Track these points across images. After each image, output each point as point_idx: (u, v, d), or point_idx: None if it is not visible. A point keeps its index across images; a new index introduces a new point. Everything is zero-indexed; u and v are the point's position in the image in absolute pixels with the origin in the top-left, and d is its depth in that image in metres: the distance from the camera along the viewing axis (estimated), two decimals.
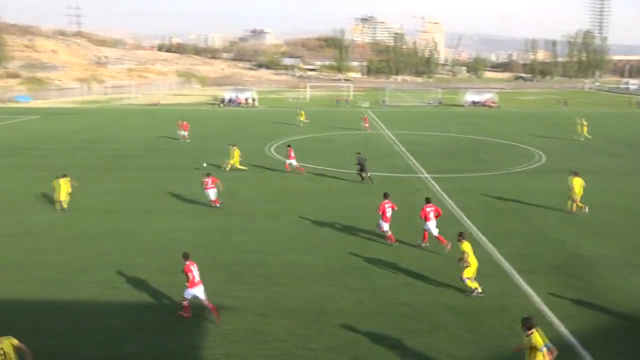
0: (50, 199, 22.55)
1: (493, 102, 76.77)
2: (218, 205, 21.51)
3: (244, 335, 11.80)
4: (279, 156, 33.60)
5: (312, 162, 31.27)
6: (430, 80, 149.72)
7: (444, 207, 21.75)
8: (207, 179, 21.47)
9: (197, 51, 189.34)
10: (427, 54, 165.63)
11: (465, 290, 13.73)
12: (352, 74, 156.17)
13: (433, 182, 26.36)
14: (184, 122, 40.44)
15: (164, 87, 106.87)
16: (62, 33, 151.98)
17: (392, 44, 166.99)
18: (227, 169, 28.59)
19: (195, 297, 12.45)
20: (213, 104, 77.71)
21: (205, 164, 28.93)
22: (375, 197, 23.22)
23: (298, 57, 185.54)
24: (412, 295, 13.80)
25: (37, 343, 11.38)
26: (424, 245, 17.16)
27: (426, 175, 28.10)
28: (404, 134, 44.52)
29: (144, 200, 22.99)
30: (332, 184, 26.17)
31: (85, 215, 20.53)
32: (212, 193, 21.48)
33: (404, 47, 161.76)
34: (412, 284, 14.45)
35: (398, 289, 14.13)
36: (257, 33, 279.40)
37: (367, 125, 47.68)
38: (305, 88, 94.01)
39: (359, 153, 27.18)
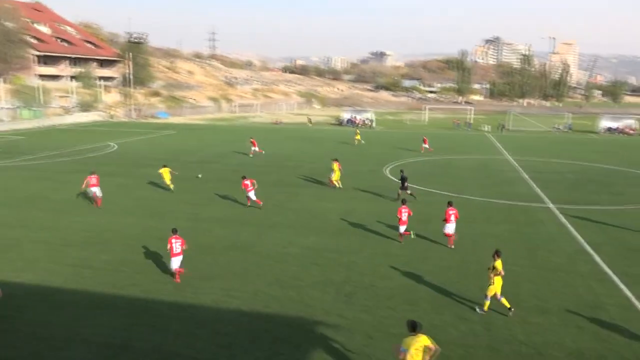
0: (186, 208, 24.53)
1: (632, 129, 69.96)
2: (261, 205, 24.62)
3: (353, 356, 11.79)
4: (394, 178, 33.44)
5: (427, 185, 30.68)
6: (560, 104, 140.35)
7: (573, 242, 20.16)
8: (246, 182, 24.69)
9: (319, 73, 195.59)
10: (556, 77, 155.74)
11: (478, 305, 14.08)
12: (473, 97, 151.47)
13: (560, 213, 24.53)
14: (252, 139, 43.62)
15: (286, 107, 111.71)
16: (199, 56, 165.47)
17: (518, 66, 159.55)
18: (338, 185, 29.23)
19: (172, 265, 15.63)
20: (333, 123, 79.63)
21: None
22: (495, 226, 22.21)
23: (418, 79, 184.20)
24: (530, 334, 12.88)
25: (159, 341, 12.35)
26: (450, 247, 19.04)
27: (552, 205, 26.23)
28: (529, 160, 42.08)
29: (263, 213, 24.02)
30: (445, 208, 25.36)
31: (211, 225, 21.95)
32: (252, 194, 24.76)
33: (531, 68, 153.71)
34: (530, 322, 13.50)
35: (515, 326, 13.28)
36: (378, 55, 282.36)
37: (426, 146, 47.01)
38: (423, 110, 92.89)
39: (402, 171, 27.92)
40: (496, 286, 13.84)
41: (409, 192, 26.68)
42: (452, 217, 19.13)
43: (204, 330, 12.87)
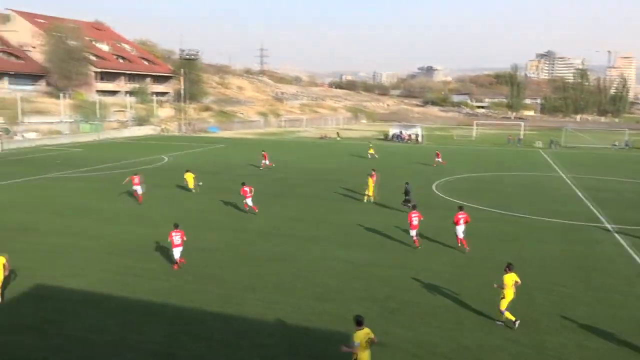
0: (231, 220, 24.91)
1: None
2: (256, 211, 26.16)
3: None
4: (441, 194, 32.83)
5: (474, 202, 29.90)
6: (617, 120, 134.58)
7: (631, 264, 19.11)
8: (245, 188, 26.40)
9: (367, 88, 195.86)
10: (614, 91, 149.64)
11: (498, 320, 13.95)
12: (525, 112, 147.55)
13: (617, 234, 23.31)
14: (264, 153, 44.44)
15: (333, 122, 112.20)
16: (249, 71, 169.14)
17: (572, 80, 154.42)
18: (372, 200, 29.13)
19: (174, 255, 17.89)
20: (380, 138, 79.30)
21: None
22: (546, 245, 21.35)
23: (467, 93, 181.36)
24: (585, 359, 12.19)
25: (202, 351, 12.44)
26: (462, 247, 20.20)
27: (611, 225, 24.94)
28: (584, 178, 40.37)
29: (305, 227, 24.05)
30: (493, 225, 24.67)
31: (254, 237, 22.13)
32: (250, 201, 26.34)
33: (586, 83, 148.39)
34: (585, 346, 12.79)
35: (569, 350, 12.60)
36: (426, 70, 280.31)
37: (439, 160, 47.33)
38: (472, 125, 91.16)
39: (407, 183, 28.78)
40: (507, 300, 13.93)
41: (410, 204, 25.84)
42: (462, 221, 20.17)
43: (245, 342, 12.88)
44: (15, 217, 25.36)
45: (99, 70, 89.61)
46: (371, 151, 54.15)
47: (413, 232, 20.78)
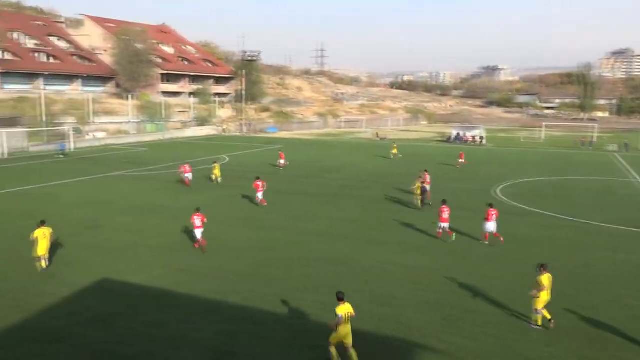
0: (288, 221, 25.32)
1: None
2: (265, 204, 28.48)
3: None
4: (504, 198, 31.88)
5: (541, 207, 28.83)
6: None
7: None
8: (258, 182, 28.71)
9: (427, 88, 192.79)
10: None
11: (533, 323, 13.85)
12: (598, 114, 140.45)
13: None
14: (280, 152, 45.25)
15: (392, 123, 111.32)
16: (308, 72, 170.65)
17: None
18: (417, 202, 28.72)
19: (196, 235, 20.40)
20: (439, 140, 77.97)
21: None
22: (611, 253, 20.31)
23: (534, 94, 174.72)
24: None
25: (259, 350, 12.71)
26: (486, 243, 21.35)
27: None
28: None
29: (360, 229, 24.04)
30: (558, 232, 23.68)
31: (310, 238, 22.36)
32: (260, 195, 28.67)
33: None
34: None
35: None
36: (490, 69, 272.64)
37: (462, 161, 47.56)
38: (540, 127, 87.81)
39: (422, 182, 29.45)
40: (542, 300, 13.75)
41: (425, 202, 28.57)
42: (493, 217, 21.24)
43: (299, 341, 13.06)
44: (83, 213, 26.85)
45: (163, 72, 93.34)
46: (394, 151, 54.02)
47: (443, 225, 22.06)
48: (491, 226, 21.28)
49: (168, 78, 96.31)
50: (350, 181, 38.16)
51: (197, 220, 20.62)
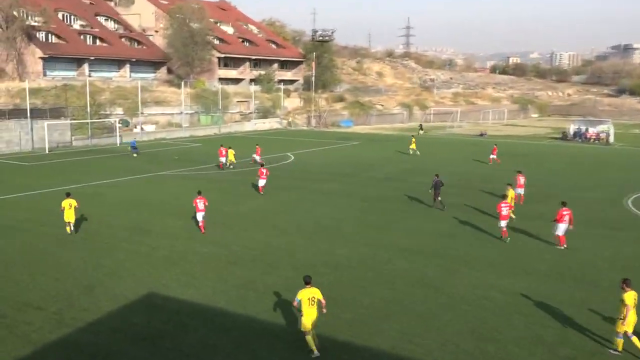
0: (367, 230, 25.17)
1: None
2: (261, 193, 33.22)
3: None
4: (638, 211, 30.08)
5: None
6: None
7: None
8: (263, 170, 33.48)
9: (539, 73, 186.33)
10: None
11: (614, 349, 13.86)
12: None
13: None
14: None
15: (493, 115, 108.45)
16: (390, 54, 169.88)
17: None
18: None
19: (198, 219, 24.76)
20: (554, 137, 75.06)
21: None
22: None
23: None
24: None
25: None
26: (563, 247, 22.69)
27: None
28: None
29: (455, 245, 23.49)
30: None
31: (393, 254, 22.06)
32: (262, 182, 33.33)
33: None
34: None
35: None
36: (622, 49, 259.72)
37: (494, 156, 48.37)
38: None
39: (436, 175, 30.88)
40: (629, 322, 13.73)
41: (439, 198, 30.16)
42: (566, 218, 22.40)
43: None
44: (130, 216, 28.01)
45: (222, 55, 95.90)
46: (413, 146, 54.16)
47: (502, 223, 23.96)
48: (562, 228, 22.61)
49: (226, 62, 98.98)
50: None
51: (199, 204, 24.85)
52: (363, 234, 25.16)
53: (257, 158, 45.71)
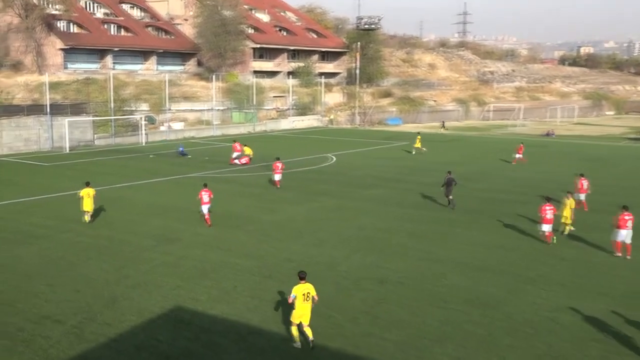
0: (417, 243, 25.03)
1: None
2: (278, 187, 36.84)
3: None
4: None
5: None
6: None
7: None
8: (278, 164, 37.04)
9: (615, 64, 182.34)
10: None
11: None
12: None
13: None
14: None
15: (561, 113, 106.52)
16: (444, 44, 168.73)
17: None
18: (566, 230, 27.07)
19: (203, 212, 27.67)
20: (632, 138, 73.35)
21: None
22: None
23: None
24: None
25: None
26: (619, 255, 23.19)
27: None
28: None
29: (517, 260, 23.18)
30: None
31: (447, 269, 21.87)
32: (278, 177, 37.04)
33: None
34: None
35: None
36: None
37: (519, 156, 49.80)
38: None
39: (449, 172, 33.06)
40: None
41: (451, 197, 31.95)
42: (629, 223, 22.79)
43: None
44: (156, 222, 28.47)
45: (256, 45, 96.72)
46: (418, 144, 55.09)
47: (545, 228, 24.96)
48: (623, 234, 22.95)
49: (261, 53, 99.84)
50: (501, 193, 37.22)
51: (204, 196, 27.70)
52: (412, 245, 25.00)
53: (237, 157, 48.04)
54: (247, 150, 47.59)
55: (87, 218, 27.95)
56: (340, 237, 26.24)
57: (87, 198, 27.67)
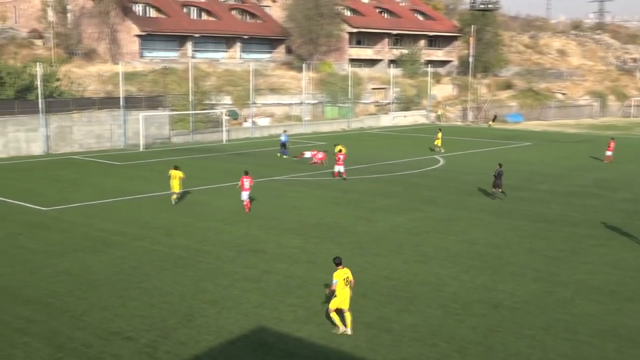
0: (537, 261, 24.54)
1: None
2: (345, 176, 41.04)
3: None
4: None
5: None
6: None
7: None
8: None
9: None
10: None
11: None
12: None
13: None
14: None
15: None
16: (577, 26, 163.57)
17: None
18: None
19: (243, 198, 32.06)
20: None
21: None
22: None
23: None
24: None
25: None
26: None
27: None
28: None
29: None
30: None
31: (571, 293, 21.32)
32: (341, 168, 41.21)
33: None
34: None
35: None
36: None
37: (609, 153, 51.47)
38: None
39: (500, 165, 36.30)
40: None
41: (500, 189, 35.72)
42: None
43: None
44: (237, 231, 29.09)
45: (354, 30, 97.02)
46: (438, 142, 56.97)
47: None
48: None
49: (359, 39, 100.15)
50: (630, 203, 36.15)
51: (245, 182, 31.99)
52: (533, 265, 24.44)
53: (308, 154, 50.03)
54: (343, 150, 47.43)
55: (174, 198, 33.76)
56: (448, 253, 25.98)
57: (174, 179, 33.46)
